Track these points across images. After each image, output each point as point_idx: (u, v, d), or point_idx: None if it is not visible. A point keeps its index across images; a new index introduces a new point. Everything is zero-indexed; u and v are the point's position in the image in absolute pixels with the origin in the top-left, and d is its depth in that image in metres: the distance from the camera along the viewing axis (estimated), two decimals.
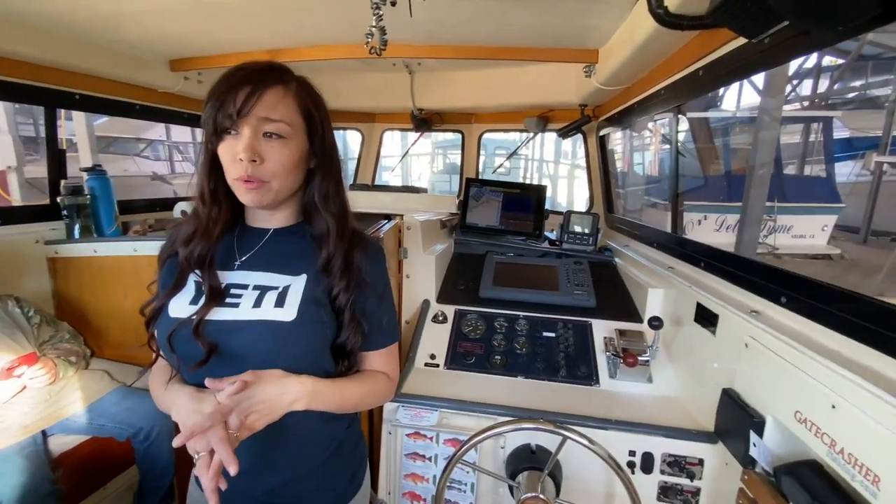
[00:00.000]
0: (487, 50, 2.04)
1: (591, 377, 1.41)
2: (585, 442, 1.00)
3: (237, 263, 0.83)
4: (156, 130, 10.46)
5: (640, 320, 1.57)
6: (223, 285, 0.80)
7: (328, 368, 0.83)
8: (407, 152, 4.54)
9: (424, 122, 3.11)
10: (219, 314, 0.77)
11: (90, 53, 1.94)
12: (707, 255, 1.36)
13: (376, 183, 3.75)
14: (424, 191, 2.94)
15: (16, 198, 4.52)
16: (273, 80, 0.75)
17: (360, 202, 2.53)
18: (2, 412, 1.43)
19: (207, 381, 0.72)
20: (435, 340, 1.56)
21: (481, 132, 3.25)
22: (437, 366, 1.48)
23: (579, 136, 2.86)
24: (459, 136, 3.37)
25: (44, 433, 1.49)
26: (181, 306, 0.78)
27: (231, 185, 0.78)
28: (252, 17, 1.74)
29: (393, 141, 6.67)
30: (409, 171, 10.95)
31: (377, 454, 1.35)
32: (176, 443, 0.65)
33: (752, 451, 0.95)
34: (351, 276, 0.81)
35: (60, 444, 1.52)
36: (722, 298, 1.19)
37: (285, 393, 0.73)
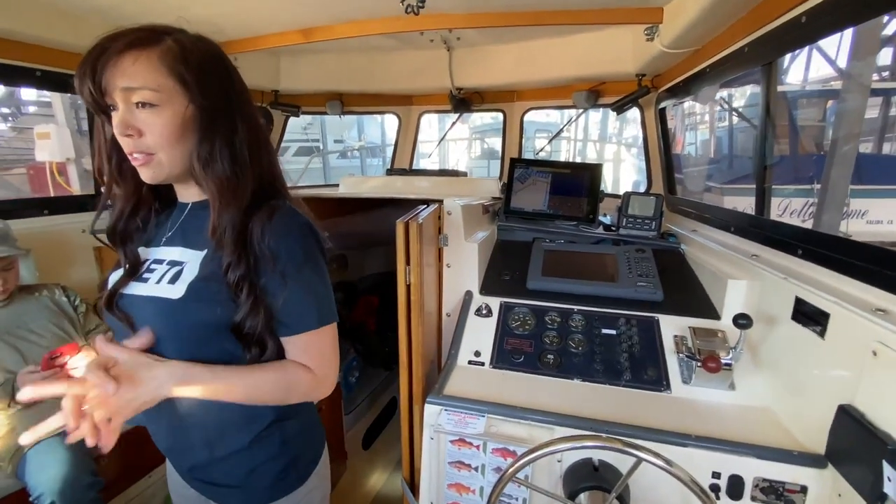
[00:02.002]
0: (534, 15, 1.84)
1: (660, 382, 1.23)
2: (663, 464, 0.84)
3: (164, 239, 0.84)
4: None
5: (716, 316, 1.36)
6: (149, 260, 0.82)
7: (233, 353, 0.77)
8: (444, 136, 4.38)
9: (463, 102, 2.94)
10: (130, 288, 0.80)
11: None
12: (808, 240, 1.13)
13: (414, 169, 3.64)
14: (464, 174, 2.78)
15: (75, 188, 4.74)
16: (128, 46, 0.70)
17: (396, 187, 2.43)
18: (47, 399, 1.43)
19: (99, 342, 0.74)
20: (479, 336, 1.42)
21: (524, 111, 3.04)
22: (482, 364, 1.34)
23: (626, 115, 2.61)
24: (498, 118, 3.17)
25: None
26: (114, 277, 0.82)
27: None
28: None
29: (430, 127, 6.53)
30: (447, 157, 10.79)
31: (418, 459, 1.24)
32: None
33: (888, 488, 0.75)
34: (245, 248, 0.75)
35: None
36: (832, 293, 0.98)
37: (152, 378, 0.72)
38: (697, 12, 1.44)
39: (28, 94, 8.70)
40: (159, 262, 0.81)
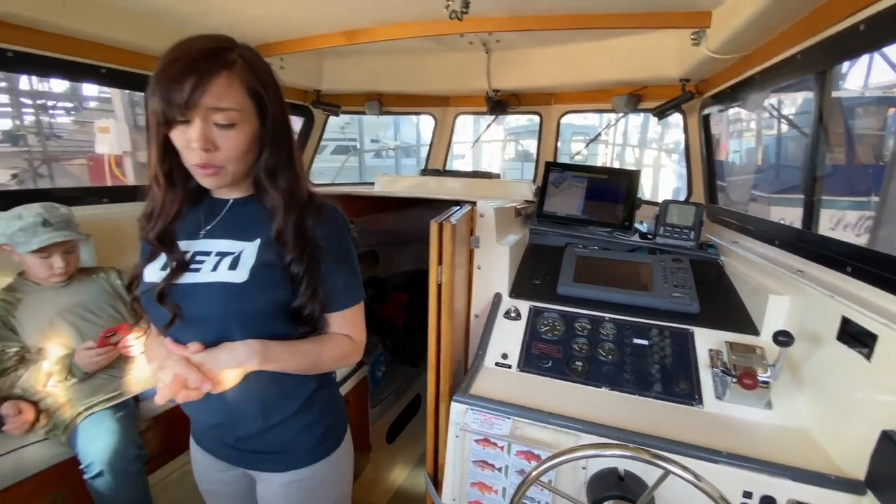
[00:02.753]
0: (577, 18, 1.82)
1: (692, 396, 1.20)
2: (691, 478, 0.82)
3: (202, 233, 0.89)
4: None
5: (754, 332, 1.31)
6: (190, 253, 0.87)
7: (286, 332, 0.87)
8: (479, 138, 4.40)
9: (500, 104, 2.94)
10: (182, 278, 0.84)
11: (174, 39, 2.03)
12: (858, 257, 1.08)
13: (450, 169, 3.67)
14: (497, 176, 2.78)
15: (130, 179, 5.03)
16: (218, 66, 0.75)
17: (430, 188, 2.46)
18: (99, 375, 1.54)
19: (168, 345, 0.79)
20: (507, 339, 1.43)
21: (561, 114, 3.01)
22: (510, 367, 1.35)
23: (668, 120, 2.54)
24: (534, 120, 3.16)
25: (136, 398, 1.59)
26: (153, 272, 0.86)
27: (189, 169, 0.82)
28: None
29: (465, 128, 6.56)
30: (481, 158, 10.78)
31: (442, 456, 1.27)
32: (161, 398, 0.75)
33: None
34: (304, 245, 0.85)
35: (150, 409, 1.61)
36: (882, 314, 0.93)
37: (235, 355, 0.80)
38: (749, 17, 1.39)
39: (89, 89, 9.28)
40: (205, 253, 0.87)
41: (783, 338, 1.07)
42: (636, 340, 1.35)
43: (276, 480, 0.96)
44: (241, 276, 0.82)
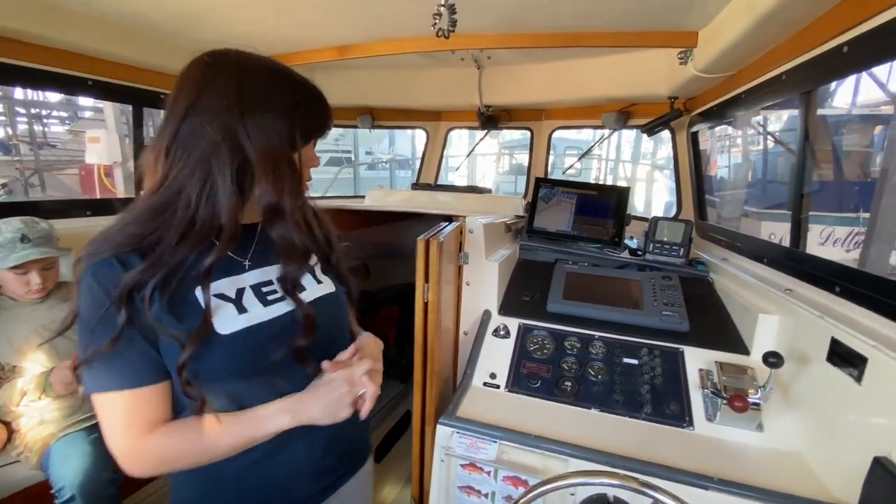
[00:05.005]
0: (567, 37, 1.84)
1: (682, 417, 1.18)
2: None
3: (247, 265, 0.79)
4: None
5: (744, 351, 1.30)
6: (244, 288, 0.77)
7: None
8: (471, 152, 4.41)
9: (491, 119, 2.95)
10: (254, 316, 0.75)
11: (175, 54, 2.02)
12: (847, 277, 1.07)
13: (441, 184, 3.67)
14: (488, 191, 2.78)
15: (120, 190, 4.98)
16: None
17: (420, 202, 2.45)
18: (71, 398, 1.49)
19: (326, 365, 0.77)
20: (496, 357, 1.40)
21: (552, 129, 3.03)
22: (498, 387, 1.32)
23: (661, 135, 2.56)
24: (526, 135, 3.17)
25: None
26: (231, 319, 0.73)
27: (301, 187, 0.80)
28: (326, 9, 1.69)
29: (461, 140, 6.59)
30: (475, 171, 10.84)
31: (428, 480, 1.23)
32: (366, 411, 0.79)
33: None
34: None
35: None
36: (871, 336, 0.92)
37: (378, 348, 0.88)
38: (733, 38, 1.41)
39: (85, 99, 9.27)
40: (266, 283, 0.79)
41: (773, 359, 1.05)
42: (626, 360, 1.33)
43: (361, 473, 0.95)
44: (328, 287, 0.87)
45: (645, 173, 10.18)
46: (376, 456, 2.78)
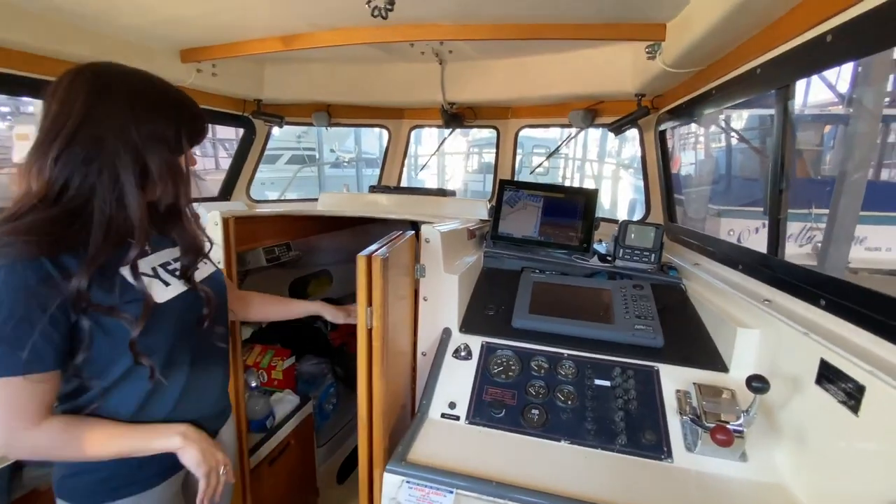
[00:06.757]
0: (528, 28, 1.71)
1: (660, 448, 1.06)
2: None
3: (148, 250, 0.87)
4: None
5: (723, 368, 1.20)
6: (160, 265, 0.90)
7: None
8: (436, 151, 4.25)
9: (455, 117, 2.81)
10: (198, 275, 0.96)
11: (90, 42, 1.77)
12: (835, 290, 0.98)
13: (411, 184, 3.50)
14: (452, 193, 2.63)
15: None
16: None
17: (378, 206, 2.27)
18: None
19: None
20: (456, 382, 1.25)
21: (519, 128, 2.91)
22: (457, 418, 1.17)
23: (626, 133, 2.48)
24: (494, 133, 3.05)
25: (16, 465, 1.31)
26: (161, 291, 0.86)
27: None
28: None
29: (431, 138, 6.42)
30: (444, 170, 10.69)
31: None
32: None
33: None
34: None
35: (34, 477, 1.36)
36: (867, 360, 0.82)
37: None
38: (705, 30, 1.31)
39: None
40: (167, 263, 0.92)
41: (757, 384, 0.95)
42: (597, 381, 1.21)
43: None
44: (211, 267, 1.04)
45: (611, 172, 10.30)
46: (339, 476, 2.59)
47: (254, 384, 2.06)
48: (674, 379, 1.19)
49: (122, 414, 0.85)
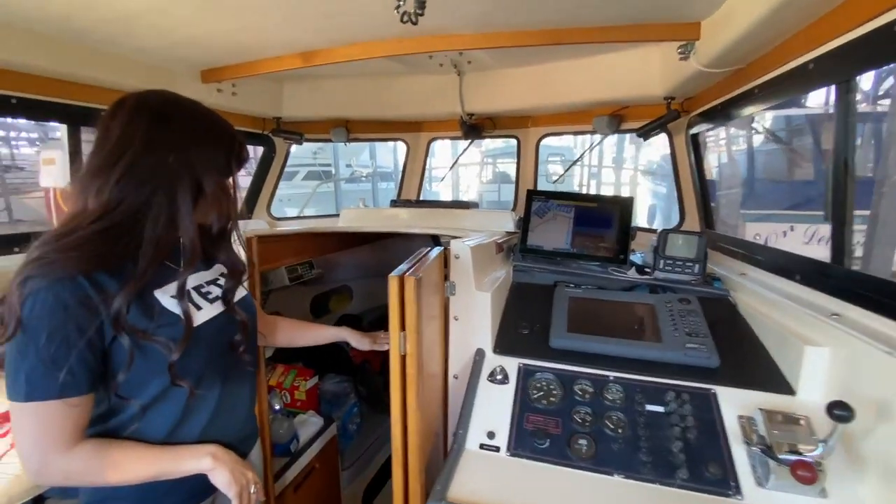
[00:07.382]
0: (552, 34, 1.65)
1: (726, 483, 0.95)
2: None
3: (180, 271, 0.85)
4: None
5: (788, 391, 1.09)
6: (193, 287, 0.91)
7: None
8: (455, 162, 4.22)
9: (475, 128, 2.76)
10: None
11: (111, 65, 1.78)
12: None
13: (425, 197, 3.45)
14: (475, 205, 2.57)
15: None
16: None
17: (400, 221, 2.22)
18: None
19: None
20: (493, 409, 1.16)
21: (540, 137, 2.84)
22: (497, 449, 1.08)
23: (643, 139, 2.39)
24: (510, 141, 2.98)
25: (39, 498, 1.27)
26: (195, 314, 0.86)
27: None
28: (281, 12, 1.48)
29: (444, 150, 6.39)
30: (458, 181, 10.68)
31: None
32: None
33: None
34: None
35: None
36: None
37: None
38: (746, 27, 1.23)
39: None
40: (200, 286, 0.94)
41: (840, 411, 0.84)
42: (649, 407, 1.11)
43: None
44: (242, 290, 1.02)
45: (629, 178, 10.13)
46: (364, 500, 2.50)
47: (277, 406, 2.00)
48: (734, 403, 1.08)
49: (152, 438, 0.84)
